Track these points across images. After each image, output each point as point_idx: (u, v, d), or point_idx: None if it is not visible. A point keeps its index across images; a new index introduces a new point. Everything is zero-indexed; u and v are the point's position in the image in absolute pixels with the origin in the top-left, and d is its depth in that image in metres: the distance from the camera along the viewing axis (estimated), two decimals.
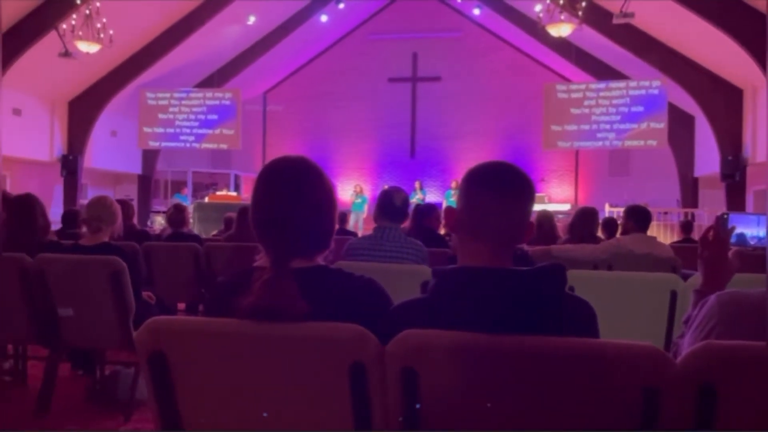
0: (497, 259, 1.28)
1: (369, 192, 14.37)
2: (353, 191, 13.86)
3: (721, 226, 1.42)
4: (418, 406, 1.18)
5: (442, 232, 5.26)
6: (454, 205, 1.37)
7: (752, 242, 1.38)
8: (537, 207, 10.81)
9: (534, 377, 1.15)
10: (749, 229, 1.39)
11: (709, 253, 1.47)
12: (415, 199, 13.14)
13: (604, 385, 1.13)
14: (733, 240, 1.41)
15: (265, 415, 1.23)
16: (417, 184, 13.85)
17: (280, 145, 15.53)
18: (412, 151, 15.24)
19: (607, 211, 9.75)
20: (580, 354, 1.14)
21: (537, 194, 13.28)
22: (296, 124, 15.62)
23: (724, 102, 9.89)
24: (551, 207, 12.09)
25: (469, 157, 14.51)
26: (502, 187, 1.32)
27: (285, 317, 1.19)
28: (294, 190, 1.32)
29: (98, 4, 8.76)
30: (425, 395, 1.18)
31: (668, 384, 1.09)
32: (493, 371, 1.17)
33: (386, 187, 3.27)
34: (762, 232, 1.37)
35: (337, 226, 1.45)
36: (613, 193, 12.63)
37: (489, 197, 1.30)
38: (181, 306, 4.82)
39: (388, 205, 2.81)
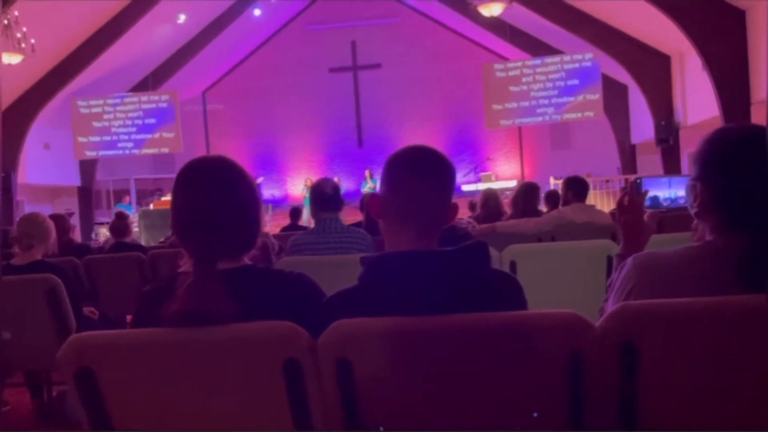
0: (423, 242, 1.30)
1: None
2: (304, 185, 13.76)
3: (634, 190, 1.47)
4: (355, 395, 1.19)
5: None
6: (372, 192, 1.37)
7: (665, 204, 1.44)
8: (483, 186, 10.99)
9: (464, 354, 1.18)
10: (661, 192, 1.44)
11: (626, 218, 1.53)
12: (366, 188, 13.15)
13: (531, 354, 1.17)
14: (647, 203, 1.46)
15: (202, 420, 1.22)
16: (367, 173, 13.85)
17: (224, 144, 15.26)
18: (359, 140, 15.22)
19: (552, 183, 9.97)
20: (506, 327, 1.17)
21: (484, 173, 13.49)
22: (239, 121, 15.37)
23: (653, 70, 10.22)
24: (499, 184, 12.31)
25: (416, 141, 14.47)
26: (423, 168, 1.33)
27: (213, 320, 1.17)
28: (215, 191, 1.30)
29: (17, 13, 8.38)
30: (361, 384, 1.18)
31: (590, 346, 1.13)
32: (424, 353, 1.19)
33: (314, 180, 3.25)
34: (674, 194, 1.43)
35: (289, 222, 1.43)
36: (557, 165, 12.91)
37: (411, 179, 1.32)
38: (129, 318, 4.71)
39: (321, 197, 2.81)
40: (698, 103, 9.35)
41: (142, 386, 1.22)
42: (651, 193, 1.47)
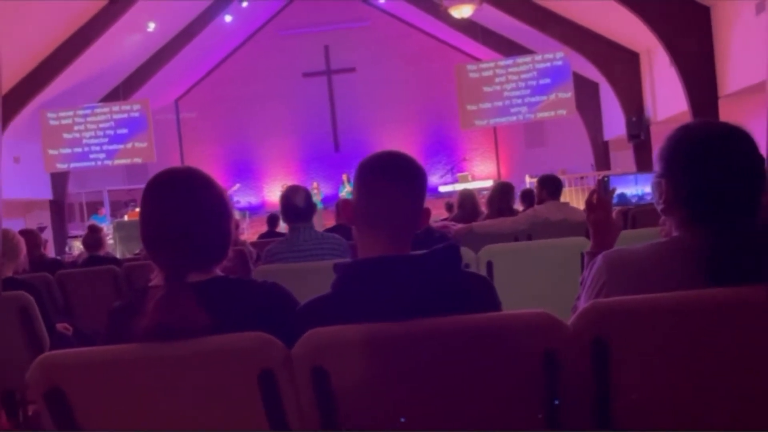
0: (395, 247, 1.30)
1: None
2: (281, 192, 13.67)
3: (602, 189, 1.49)
4: (332, 403, 1.18)
5: None
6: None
7: (633, 200, 1.46)
8: (460, 186, 11.05)
9: (439, 357, 1.18)
10: (629, 189, 1.46)
11: (595, 216, 1.55)
12: (344, 192, 13.11)
13: (506, 354, 1.18)
14: (615, 201, 1.49)
15: None
16: (345, 177, 13.82)
17: (199, 153, 15.11)
18: (336, 144, 15.19)
19: (528, 182, 10.06)
20: (480, 328, 1.18)
21: (461, 173, 13.56)
22: (213, 129, 15.23)
23: (623, 67, 10.37)
24: (476, 184, 12.38)
25: (393, 145, 14.56)
26: (394, 173, 1.34)
27: (184, 333, 1.16)
28: (183, 203, 1.29)
29: None
30: (338, 392, 1.18)
31: (562, 345, 1.14)
32: (400, 358, 1.19)
33: (284, 188, 3.22)
34: (640, 190, 1.45)
35: (268, 228, 1.42)
36: (532, 164, 13.02)
37: (383, 184, 1.32)
38: None
39: (291, 207, 2.80)
40: (667, 98, 9.50)
41: (115, 405, 1.20)
42: (618, 191, 1.48)
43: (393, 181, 1.31)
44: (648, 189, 1.41)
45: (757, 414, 1.16)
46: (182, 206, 1.28)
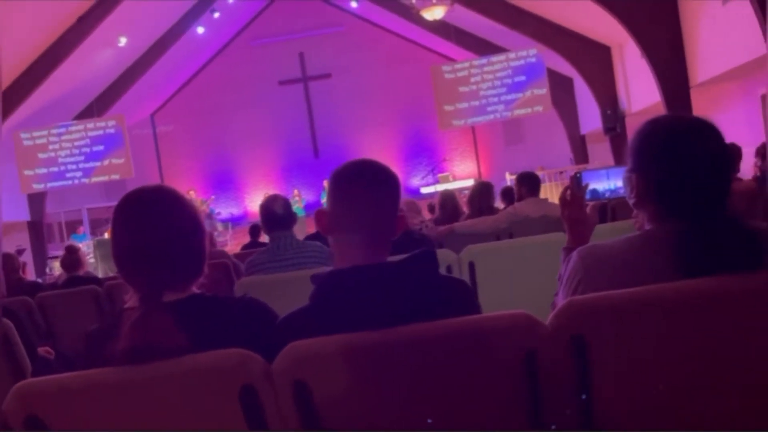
0: (371, 255, 1.30)
1: None
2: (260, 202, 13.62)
3: (575, 185, 1.51)
4: (315, 416, 1.18)
5: None
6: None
7: (606, 195, 1.48)
8: (441, 187, 11.08)
9: (421, 363, 1.18)
10: (601, 184, 1.48)
11: (569, 212, 1.57)
12: (326, 198, 13.08)
13: (487, 356, 1.18)
14: (588, 196, 1.50)
15: None
16: (326, 183, 13.78)
17: (178, 166, 15.01)
18: (315, 151, 15.16)
19: (508, 179, 10.12)
20: (459, 332, 1.18)
21: (442, 174, 13.61)
22: (191, 141, 15.13)
23: (595, 61, 10.48)
24: (457, 184, 12.44)
25: (373, 148, 14.59)
26: (369, 181, 1.34)
27: (162, 354, 1.15)
28: (155, 222, 1.27)
29: None
30: (321, 404, 1.17)
31: (542, 344, 1.15)
32: (381, 366, 1.19)
33: (264, 198, 3.21)
34: (613, 185, 1.46)
35: (252, 239, 1.41)
36: (512, 161, 13.11)
37: (357, 192, 1.32)
38: None
39: (271, 217, 2.79)
40: (640, 90, 9.62)
41: (95, 429, 1.18)
42: (591, 186, 1.51)
43: (367, 189, 1.31)
44: (620, 183, 1.43)
45: (737, 403, 1.17)
46: (154, 225, 1.26)
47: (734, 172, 4.40)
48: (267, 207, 2.84)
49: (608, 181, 1.48)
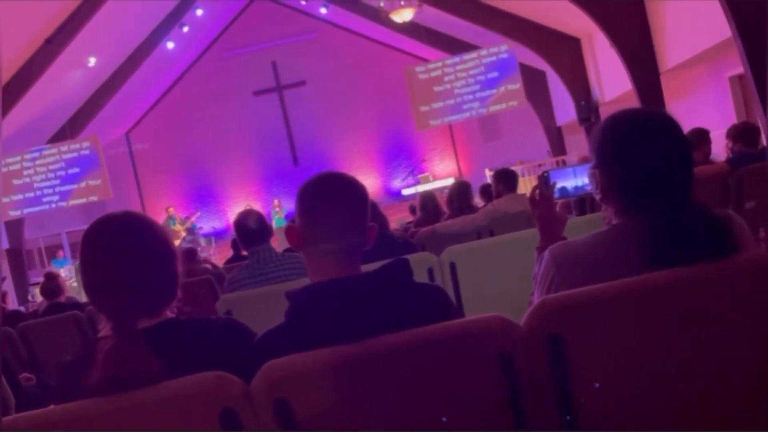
0: (344, 268, 1.30)
1: (262, 210, 14.05)
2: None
3: (543, 184, 1.52)
4: None
5: None
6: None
7: (573, 192, 1.49)
8: (422, 188, 11.12)
9: (400, 373, 1.18)
10: (568, 182, 1.49)
11: (539, 211, 1.58)
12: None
13: (465, 361, 1.18)
14: (556, 194, 1.51)
15: None
16: None
17: (157, 183, 14.90)
18: (294, 159, 15.11)
19: (488, 176, 10.16)
20: (435, 339, 1.18)
21: (422, 174, 13.63)
22: (168, 158, 15.01)
23: (566, 53, 10.57)
24: (437, 184, 12.48)
25: (352, 153, 14.61)
26: (336, 194, 1.34)
27: (138, 383, 1.13)
28: (124, 249, 1.26)
29: None
30: (303, 420, 1.17)
31: (518, 345, 1.15)
32: (361, 378, 1.18)
33: (254, 207, 3.20)
34: (580, 182, 1.48)
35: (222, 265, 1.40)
36: (491, 157, 13.17)
37: (326, 207, 1.32)
38: None
39: (245, 232, 2.77)
40: (612, 79, 9.72)
41: None
42: (559, 185, 1.52)
43: (333, 203, 1.31)
44: (586, 180, 1.44)
45: (713, 390, 1.18)
46: (121, 253, 1.25)
47: (703, 157, 4.46)
48: (240, 223, 2.83)
49: (575, 179, 1.50)
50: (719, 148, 5.76)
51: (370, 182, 13.93)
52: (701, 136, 4.42)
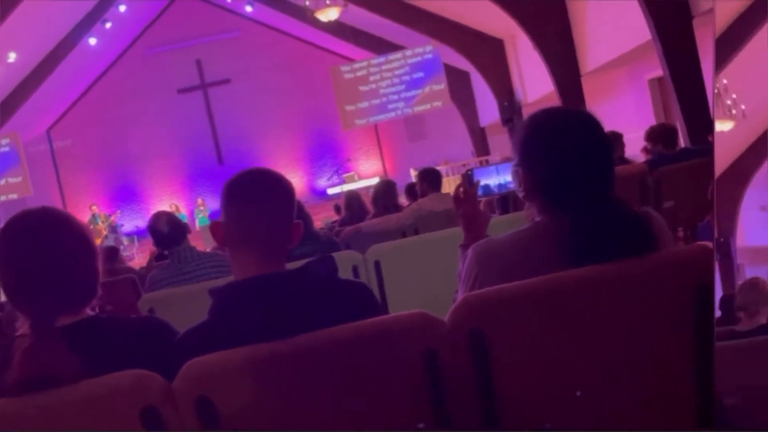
0: (269, 265, 1.30)
1: (185, 209, 13.74)
2: (170, 210, 13.15)
3: (467, 182, 1.57)
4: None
5: None
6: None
7: (496, 190, 1.55)
8: (347, 187, 11.13)
9: (323, 370, 1.19)
10: (491, 180, 1.55)
11: (464, 209, 1.61)
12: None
13: (389, 357, 1.20)
14: (480, 192, 1.56)
15: None
16: None
17: (78, 181, 14.29)
18: (219, 158, 14.81)
19: (413, 175, 10.30)
20: (359, 336, 1.19)
21: (347, 174, 13.66)
22: (90, 156, 14.41)
23: (489, 55, 10.82)
24: (362, 183, 12.54)
25: (277, 152, 14.46)
26: (259, 191, 1.34)
27: (57, 382, 1.11)
28: (41, 245, 1.23)
29: None
30: (226, 419, 1.16)
31: (441, 341, 1.18)
32: (285, 376, 1.19)
33: (178, 205, 3.17)
34: (503, 179, 1.53)
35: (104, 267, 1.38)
36: (416, 157, 13.33)
37: (248, 204, 1.32)
38: None
39: (158, 235, 2.76)
40: (535, 81, 9.98)
41: None
42: (483, 183, 1.57)
43: (257, 200, 1.32)
44: (509, 178, 1.49)
45: (635, 383, 1.23)
46: (38, 250, 1.22)
47: (618, 158, 4.69)
48: (152, 228, 2.81)
49: (498, 177, 1.56)
50: (637, 150, 6.05)
51: (296, 181, 13.81)
52: (614, 138, 4.63)
